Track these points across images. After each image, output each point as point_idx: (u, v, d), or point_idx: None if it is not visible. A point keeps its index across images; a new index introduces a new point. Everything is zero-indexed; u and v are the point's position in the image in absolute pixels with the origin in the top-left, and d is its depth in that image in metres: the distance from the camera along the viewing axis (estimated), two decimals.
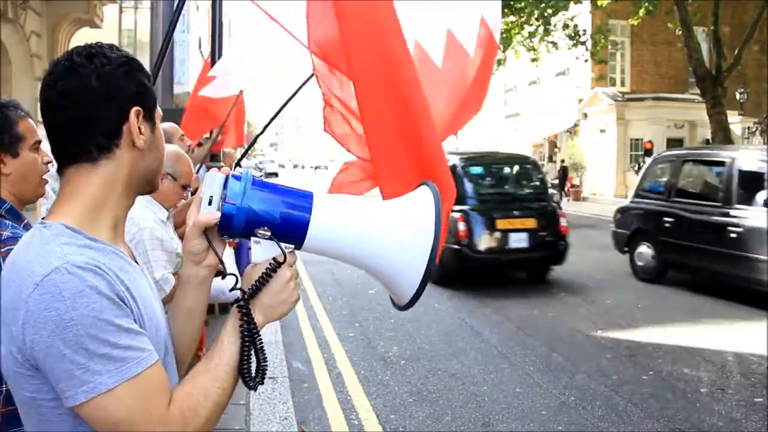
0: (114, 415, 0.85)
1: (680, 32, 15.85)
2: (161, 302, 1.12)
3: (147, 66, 1.10)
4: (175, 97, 19.15)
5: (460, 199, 7.66)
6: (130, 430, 0.86)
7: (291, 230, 1.00)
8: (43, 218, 0.98)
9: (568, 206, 20.91)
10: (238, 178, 1.01)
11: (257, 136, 4.96)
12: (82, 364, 0.83)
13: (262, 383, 1.01)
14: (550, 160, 29.13)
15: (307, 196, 1.03)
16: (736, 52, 15.33)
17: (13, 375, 0.90)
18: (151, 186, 1.08)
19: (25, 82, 7.84)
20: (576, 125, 25.87)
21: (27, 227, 1.57)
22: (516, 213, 8.01)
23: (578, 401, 4.29)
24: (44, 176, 1.70)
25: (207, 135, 4.93)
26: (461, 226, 7.55)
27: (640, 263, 8.40)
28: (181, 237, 2.98)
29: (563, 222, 8.13)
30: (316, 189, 1.07)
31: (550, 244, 8.00)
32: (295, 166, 70.60)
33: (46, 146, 1.42)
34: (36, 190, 1.69)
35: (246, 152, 5.20)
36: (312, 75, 2.60)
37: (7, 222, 1.56)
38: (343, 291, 7.68)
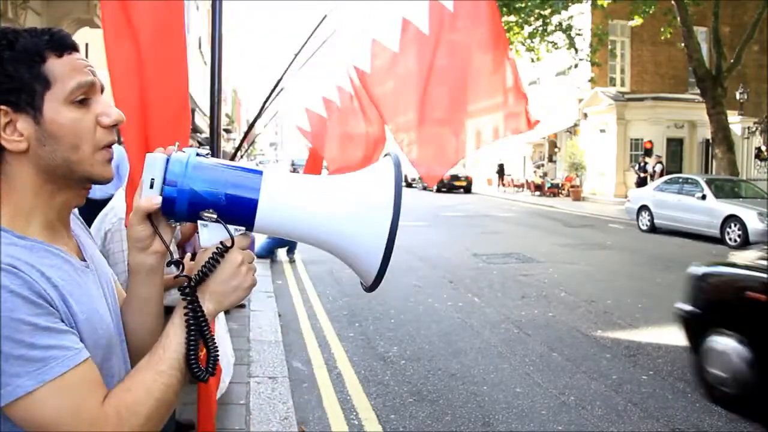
0: (39, 417, 0.82)
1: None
2: (117, 297, 1.06)
3: None
4: None
5: None
6: (57, 431, 0.82)
7: (239, 212, 0.94)
8: None
9: (569, 206, 20.91)
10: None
11: (251, 124, 4.87)
12: None
13: (213, 374, 0.94)
14: (550, 160, 29.15)
15: (255, 174, 0.95)
16: (736, 52, 15.33)
17: None
18: (77, 179, 0.95)
19: None
20: (576, 125, 25.89)
21: None
22: None
23: (578, 401, 4.30)
24: None
25: None
26: None
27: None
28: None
29: None
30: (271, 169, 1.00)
31: None
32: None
33: None
34: None
35: (240, 146, 5.14)
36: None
37: None
38: (343, 291, 7.68)
